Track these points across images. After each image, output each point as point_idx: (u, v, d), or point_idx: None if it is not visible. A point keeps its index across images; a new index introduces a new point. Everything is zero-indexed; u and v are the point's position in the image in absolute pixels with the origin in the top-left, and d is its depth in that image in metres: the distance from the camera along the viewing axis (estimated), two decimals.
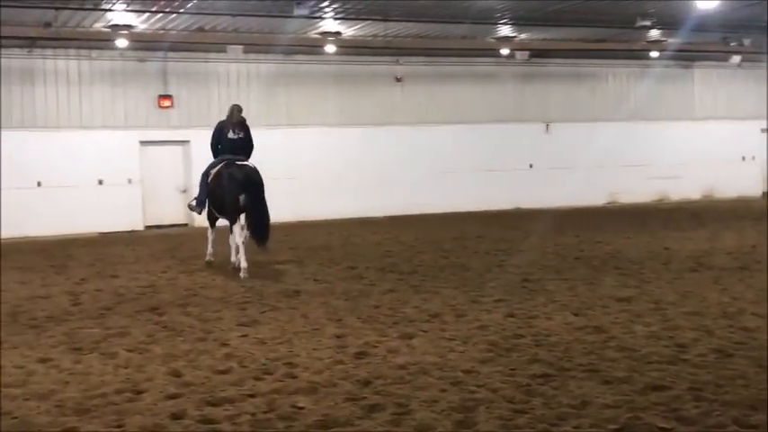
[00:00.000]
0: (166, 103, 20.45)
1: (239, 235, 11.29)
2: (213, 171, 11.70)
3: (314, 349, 6.72)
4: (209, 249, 12.48)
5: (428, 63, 22.89)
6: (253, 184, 11.23)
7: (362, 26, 18.56)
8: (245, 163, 11.57)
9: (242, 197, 11.22)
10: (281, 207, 20.76)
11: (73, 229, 19.03)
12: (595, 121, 24.77)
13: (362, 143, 22.18)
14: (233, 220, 11.47)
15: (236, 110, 12.01)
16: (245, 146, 11.89)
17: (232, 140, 11.78)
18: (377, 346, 6.75)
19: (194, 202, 12.25)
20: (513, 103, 24.05)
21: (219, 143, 11.92)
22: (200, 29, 18.00)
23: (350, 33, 19.22)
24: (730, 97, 26.46)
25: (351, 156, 21.99)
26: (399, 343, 6.86)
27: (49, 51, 19.21)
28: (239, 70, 21.07)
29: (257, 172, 11.40)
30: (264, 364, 6.27)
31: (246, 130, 11.98)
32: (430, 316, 7.99)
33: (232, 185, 11.23)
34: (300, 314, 8.27)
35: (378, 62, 22.30)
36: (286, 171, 21.22)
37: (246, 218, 11.25)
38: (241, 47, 18.53)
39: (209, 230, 12.50)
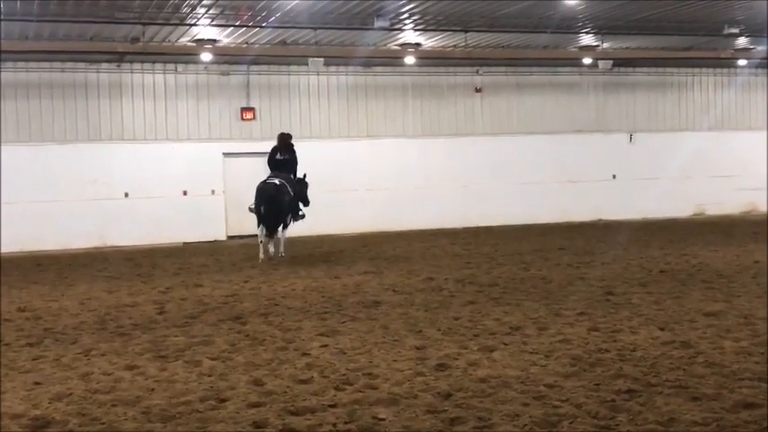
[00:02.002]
0: (249, 115, 20.83)
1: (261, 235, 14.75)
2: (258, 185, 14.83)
3: (394, 360, 6.72)
4: (261, 249, 14.84)
5: (508, 73, 22.72)
6: (272, 198, 14.43)
7: (442, 37, 18.55)
8: (274, 181, 14.69)
9: (262, 207, 14.46)
10: (361, 218, 21.10)
11: (158, 239, 19.54)
12: (681, 130, 24.15)
13: (442, 154, 22.13)
14: (259, 223, 14.72)
15: (283, 137, 15.54)
16: (288, 166, 15.25)
17: (278, 161, 15.27)
18: (457, 359, 6.71)
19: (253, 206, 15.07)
20: (596, 113, 23.65)
21: (271, 163, 15.28)
22: (283, 42, 18.29)
23: (429, 44, 19.24)
24: None
25: (430, 167, 21.97)
26: (480, 356, 6.81)
27: (136, 66, 19.82)
28: (320, 82, 21.33)
29: (279, 189, 14.55)
30: (345, 375, 6.30)
31: (291, 152, 15.32)
32: (511, 328, 7.91)
33: (258, 197, 14.62)
34: (380, 325, 8.29)
35: (457, 73, 22.26)
36: (366, 182, 21.37)
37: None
38: (322, 59, 18.72)
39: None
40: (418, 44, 19.02)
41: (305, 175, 15.74)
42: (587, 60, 20.80)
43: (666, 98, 24.24)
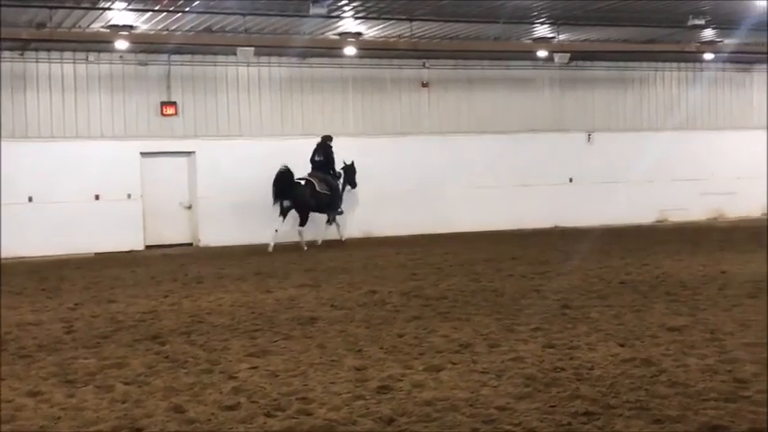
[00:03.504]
0: (170, 110, 20.59)
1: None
2: None
3: (331, 383, 6.71)
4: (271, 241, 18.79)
5: (458, 67, 22.93)
6: (293, 194, 18.94)
7: (385, 26, 18.63)
8: (299, 180, 19.13)
9: (285, 202, 18.91)
10: (295, 226, 20.97)
11: (66, 249, 19.17)
12: (643, 130, 24.64)
13: (385, 154, 22.19)
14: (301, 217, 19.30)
15: (323, 139, 19.88)
16: (323, 165, 19.65)
17: (314, 161, 19.76)
18: (401, 380, 6.74)
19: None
20: (552, 111, 23.99)
21: (310, 162, 19.71)
22: (208, 29, 18.15)
23: (371, 34, 19.30)
24: None
25: (372, 168, 21.98)
26: (426, 376, 6.84)
27: (42, 54, 19.44)
28: (250, 75, 21.21)
29: (302, 187, 19.06)
30: (276, 400, 6.27)
31: (327, 153, 19.66)
32: (460, 346, 7.97)
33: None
34: (316, 344, 8.27)
35: (402, 66, 22.37)
36: None
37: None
38: (252, 49, 18.62)
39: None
40: (359, 34, 19.07)
41: (353, 162, 20.60)
42: (542, 54, 21.09)
43: (627, 95, 24.72)
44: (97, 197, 20.02)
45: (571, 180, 24.03)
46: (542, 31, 19.90)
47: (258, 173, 20.79)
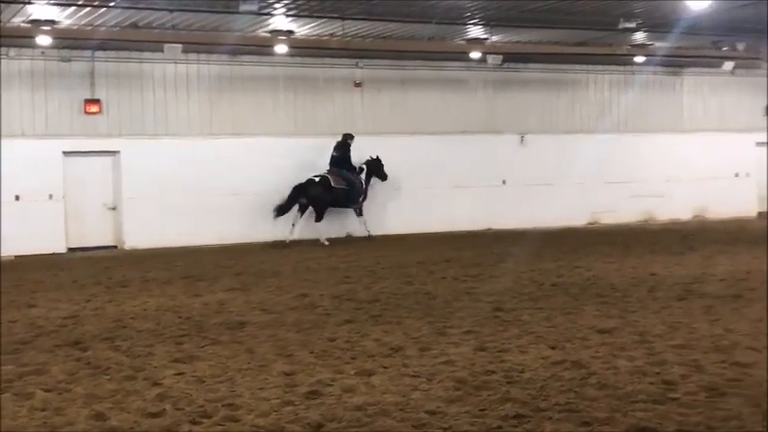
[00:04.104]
0: (94, 108, 20.24)
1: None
2: None
3: (259, 389, 6.68)
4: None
5: (391, 67, 23.00)
6: (307, 194, 20.43)
7: (317, 24, 18.59)
8: (314, 178, 20.58)
9: (302, 199, 20.34)
10: (227, 227, 20.84)
11: None
12: (575, 132, 25.04)
13: (317, 155, 22.10)
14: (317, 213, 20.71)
15: (344, 136, 21.16)
16: (340, 161, 20.97)
17: (333, 156, 21.05)
18: (331, 385, 6.74)
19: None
20: (485, 113, 24.22)
21: (330, 159, 21.08)
22: (134, 25, 17.87)
23: (303, 32, 19.25)
24: (722, 107, 26.96)
25: (304, 169, 21.91)
26: (357, 380, 6.86)
27: None
28: (178, 72, 20.96)
29: (316, 183, 20.51)
30: (202, 406, 6.22)
31: (345, 150, 21.00)
32: (391, 350, 8.00)
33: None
34: (245, 349, 8.23)
35: (335, 65, 22.36)
36: (231, 186, 21.12)
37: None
38: (180, 46, 18.42)
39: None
40: (290, 32, 19.00)
41: (378, 157, 21.70)
42: (475, 55, 21.30)
43: (560, 97, 25.10)
44: (17, 198, 19.57)
45: (504, 182, 24.29)
46: (476, 32, 20.10)
47: (186, 173, 20.66)
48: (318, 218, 20.74)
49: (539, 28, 19.69)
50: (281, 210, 20.31)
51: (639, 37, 21.09)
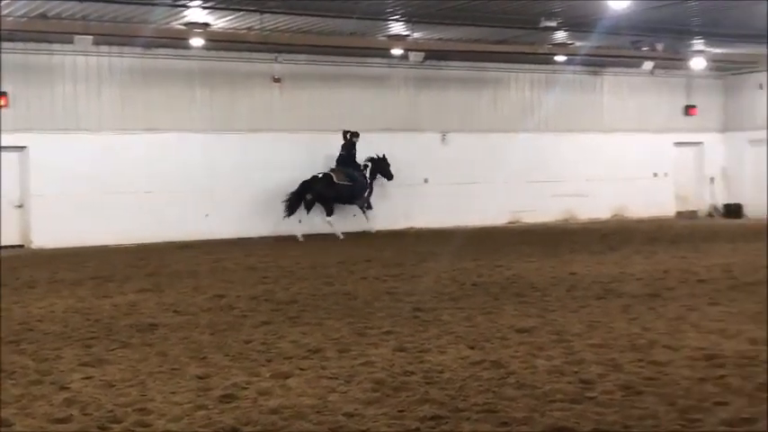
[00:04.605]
0: (0, 102, 19.72)
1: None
2: None
3: (171, 392, 6.60)
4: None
5: (311, 62, 22.94)
6: (311, 190, 21.47)
7: (235, 17, 18.44)
8: (318, 174, 21.60)
9: (308, 195, 21.43)
10: (138, 226, 20.50)
11: None
12: (497, 131, 25.34)
13: (235, 152, 21.97)
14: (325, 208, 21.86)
15: (350, 134, 22.26)
16: (345, 159, 22.14)
17: (339, 155, 22.19)
18: (246, 388, 6.69)
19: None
20: (407, 110, 24.34)
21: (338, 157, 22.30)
22: (42, 15, 17.47)
23: (220, 25, 19.07)
24: (641, 107, 27.61)
25: (221, 166, 21.74)
26: (273, 383, 6.82)
27: None
28: (89, 65, 20.55)
29: (319, 179, 21.51)
30: (111, 411, 6.12)
31: (349, 149, 22.18)
32: (309, 351, 7.98)
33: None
34: (156, 351, 8.12)
35: (253, 59, 22.20)
36: (143, 183, 20.81)
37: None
38: (91, 37, 18.10)
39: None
40: (207, 24, 18.81)
41: (384, 155, 22.67)
42: (397, 51, 21.40)
43: (482, 96, 25.37)
44: None
45: (426, 181, 24.44)
46: (397, 28, 20.19)
47: (97, 170, 20.27)
48: (328, 212, 21.85)
49: (460, 25, 19.88)
50: (290, 208, 21.31)
51: (560, 36, 21.46)
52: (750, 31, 20.64)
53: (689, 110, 28.28)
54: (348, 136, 22.32)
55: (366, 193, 22.52)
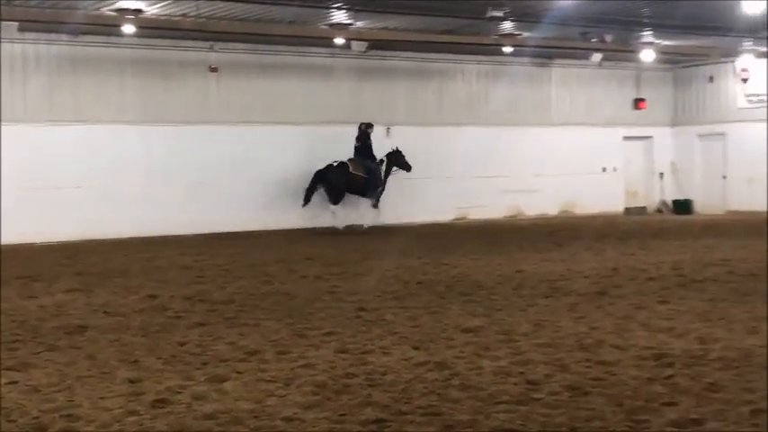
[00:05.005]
0: None
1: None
2: None
3: (101, 398, 6.53)
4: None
5: (250, 51, 22.79)
6: (325, 178, 22.13)
7: (168, 3, 18.25)
8: (333, 163, 22.16)
9: (320, 185, 22.07)
10: (67, 223, 20.20)
11: None
12: (443, 125, 25.44)
13: (169, 145, 21.74)
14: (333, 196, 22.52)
15: (364, 125, 22.75)
16: (362, 151, 22.56)
17: (355, 147, 22.62)
18: (180, 392, 6.64)
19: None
20: (350, 102, 24.31)
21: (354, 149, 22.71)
22: None
23: (153, 11, 18.85)
24: (590, 100, 27.96)
25: (154, 160, 21.51)
26: (208, 387, 6.79)
27: None
28: (14, 52, 20.16)
29: (334, 168, 22.10)
30: (37, 418, 6.04)
31: (364, 140, 22.59)
32: (246, 354, 7.95)
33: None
34: (85, 355, 8.02)
35: (188, 48, 21.99)
36: (73, 178, 20.49)
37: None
38: (16, 24, 17.78)
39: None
40: (139, 11, 18.56)
41: (397, 148, 23.16)
42: (340, 41, 21.36)
43: (427, 87, 25.45)
44: None
45: None
46: (339, 16, 20.15)
47: (22, 163, 19.92)
48: (334, 201, 22.35)
49: (405, 14, 19.92)
50: (307, 198, 21.98)
51: (508, 27, 21.61)
52: (700, 22, 21.03)
53: (638, 103, 28.70)
54: (362, 127, 22.69)
55: (379, 189, 22.95)
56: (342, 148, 23.59)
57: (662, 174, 29.39)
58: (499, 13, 19.34)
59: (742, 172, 27.18)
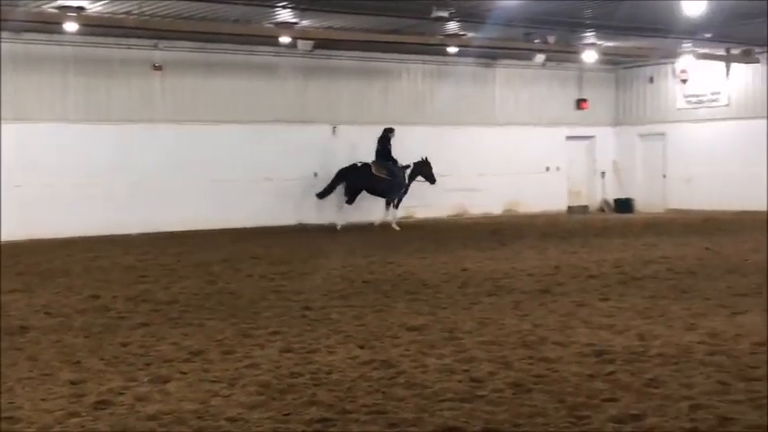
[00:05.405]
0: None
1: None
2: None
3: (42, 399, 6.45)
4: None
5: (195, 50, 22.60)
6: (346, 177, 22.70)
7: (112, 1, 18.01)
8: (355, 163, 22.89)
9: (342, 183, 22.65)
10: (6, 223, 19.83)
11: None
12: (388, 124, 25.40)
13: (112, 144, 21.47)
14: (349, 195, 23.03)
15: (384, 130, 23.29)
16: (381, 153, 23.02)
17: (376, 150, 23.11)
18: (123, 393, 6.59)
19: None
20: (296, 101, 24.23)
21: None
22: None
23: (96, 9, 18.59)
24: (534, 100, 28.19)
25: (97, 159, 21.22)
26: (151, 388, 6.74)
27: None
28: None
29: (357, 168, 22.73)
30: None
31: (384, 143, 23.06)
32: (191, 354, 7.90)
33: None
34: (26, 356, 7.91)
35: (132, 46, 21.73)
36: (12, 177, 20.12)
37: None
38: None
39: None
40: (81, 8, 18.30)
41: (426, 158, 23.58)
42: (285, 39, 21.26)
43: (373, 87, 25.47)
44: None
45: (316, 174, 24.36)
46: (285, 15, 20.06)
47: None
48: (349, 200, 22.87)
49: (350, 14, 19.89)
50: (325, 193, 22.63)
51: (452, 27, 21.71)
52: (641, 24, 21.32)
53: (580, 103, 29.03)
54: (385, 131, 23.18)
55: (402, 191, 23.35)
56: (287, 145, 23.55)
57: (604, 173, 29.75)
58: (444, 14, 19.40)
59: (681, 171, 27.67)
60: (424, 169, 23.65)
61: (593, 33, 23.18)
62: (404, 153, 24.86)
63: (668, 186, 28.32)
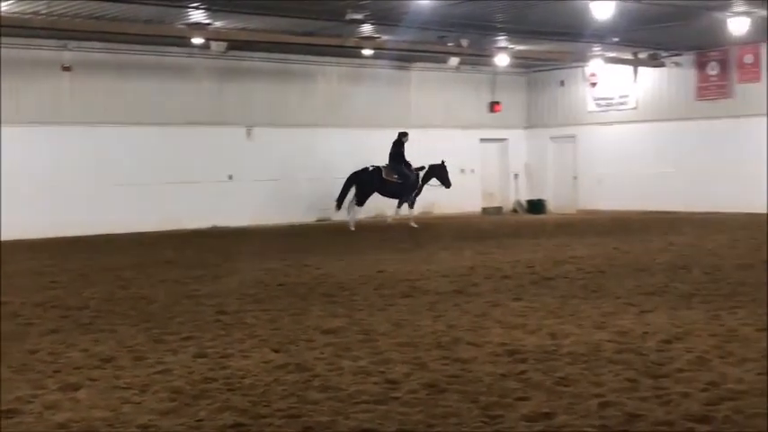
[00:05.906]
0: None
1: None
2: None
3: None
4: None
5: (105, 50, 22.23)
6: (358, 180, 22.91)
7: (18, 1, 17.60)
8: (368, 167, 23.11)
9: (353, 186, 22.82)
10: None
11: None
12: (305, 126, 25.43)
13: (20, 146, 21.00)
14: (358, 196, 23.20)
15: (399, 134, 23.65)
16: (393, 156, 23.36)
17: (390, 153, 23.47)
18: (31, 402, 6.44)
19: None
20: (210, 103, 24.03)
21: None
22: None
23: (3, 9, 18.12)
24: (448, 103, 28.44)
25: (4, 162, 20.69)
26: (60, 396, 6.60)
27: None
28: None
29: (368, 172, 23.04)
30: None
31: (398, 147, 23.38)
32: (101, 360, 7.76)
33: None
34: None
35: (40, 46, 21.28)
36: None
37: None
38: None
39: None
40: None
41: (443, 162, 24.10)
42: (198, 41, 21.04)
43: (289, 89, 25.38)
44: None
45: (230, 177, 24.20)
46: (197, 16, 19.85)
47: None
48: (359, 202, 23.12)
49: (265, 15, 19.80)
50: (340, 201, 22.80)
51: (367, 29, 21.77)
52: (552, 28, 21.70)
53: (493, 106, 29.41)
54: (398, 135, 23.49)
55: (414, 193, 23.74)
56: (201, 147, 23.30)
57: (516, 175, 30.20)
58: (359, 16, 19.47)
59: (591, 172, 28.25)
60: (439, 172, 24.01)
61: (505, 37, 23.50)
62: (320, 155, 24.89)
63: (579, 187, 28.89)
